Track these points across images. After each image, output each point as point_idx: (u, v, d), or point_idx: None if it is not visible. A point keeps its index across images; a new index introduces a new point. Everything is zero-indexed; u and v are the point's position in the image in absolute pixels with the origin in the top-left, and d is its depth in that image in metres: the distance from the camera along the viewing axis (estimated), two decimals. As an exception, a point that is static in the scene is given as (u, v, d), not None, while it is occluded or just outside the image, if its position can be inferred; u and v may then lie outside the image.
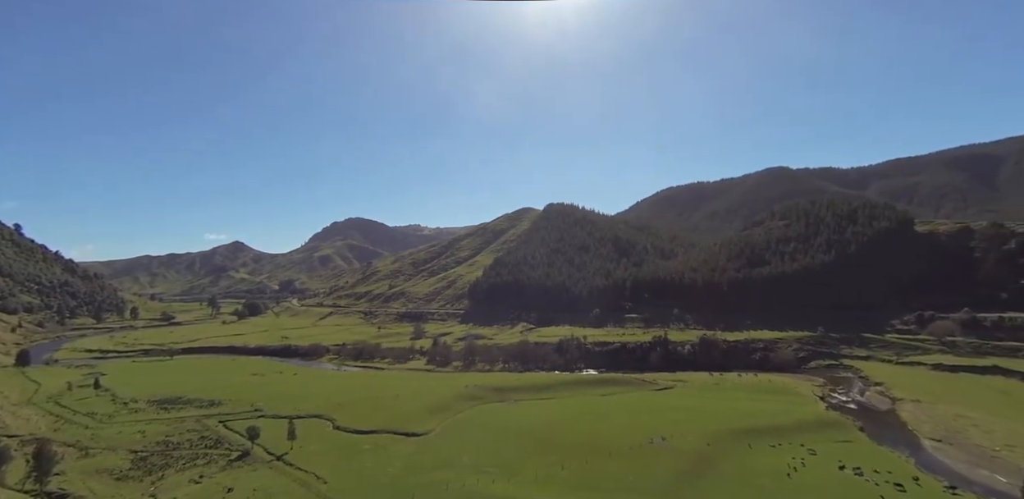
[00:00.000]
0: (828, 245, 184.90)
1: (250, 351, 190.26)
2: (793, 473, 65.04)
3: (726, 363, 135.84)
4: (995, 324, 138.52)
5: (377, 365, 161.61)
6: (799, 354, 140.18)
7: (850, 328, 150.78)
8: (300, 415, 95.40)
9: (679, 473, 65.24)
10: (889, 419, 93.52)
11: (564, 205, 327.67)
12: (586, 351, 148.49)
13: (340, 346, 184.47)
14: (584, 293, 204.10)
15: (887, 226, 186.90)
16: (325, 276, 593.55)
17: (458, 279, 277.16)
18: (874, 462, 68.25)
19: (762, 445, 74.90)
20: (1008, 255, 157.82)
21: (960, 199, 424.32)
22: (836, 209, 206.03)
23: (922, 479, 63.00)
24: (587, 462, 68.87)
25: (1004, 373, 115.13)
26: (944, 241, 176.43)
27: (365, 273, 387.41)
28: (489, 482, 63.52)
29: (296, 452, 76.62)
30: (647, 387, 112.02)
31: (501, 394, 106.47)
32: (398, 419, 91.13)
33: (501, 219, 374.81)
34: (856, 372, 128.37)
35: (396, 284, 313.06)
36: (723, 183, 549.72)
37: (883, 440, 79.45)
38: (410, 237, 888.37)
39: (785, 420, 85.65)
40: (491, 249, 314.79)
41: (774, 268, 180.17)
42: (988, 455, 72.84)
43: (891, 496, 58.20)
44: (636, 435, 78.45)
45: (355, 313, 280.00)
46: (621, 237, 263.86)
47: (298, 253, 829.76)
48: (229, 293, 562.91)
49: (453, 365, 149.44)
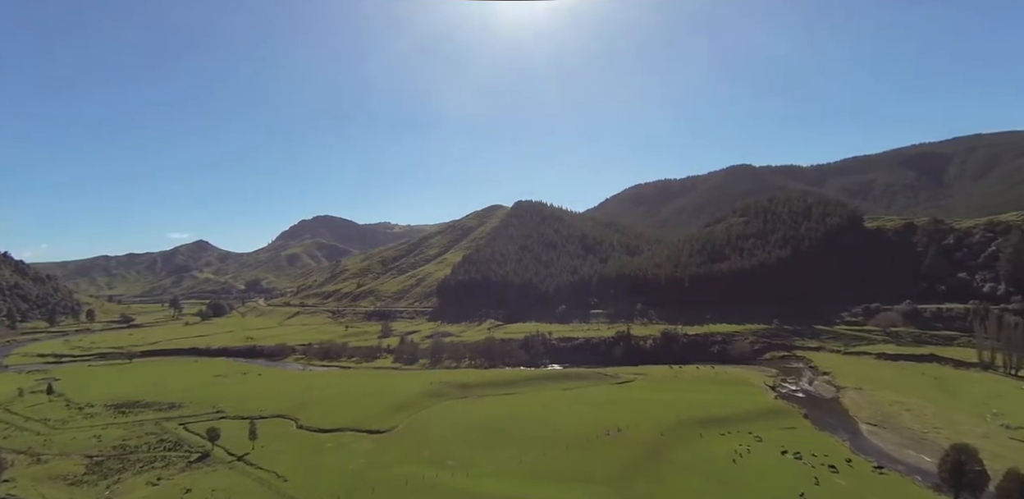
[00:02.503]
0: (784, 241, 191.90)
1: (213, 353, 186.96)
2: (739, 459, 68.72)
3: (686, 356, 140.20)
4: (934, 315, 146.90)
5: (344, 364, 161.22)
6: (755, 346, 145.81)
7: (803, 320, 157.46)
8: (263, 415, 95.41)
9: (632, 462, 68.22)
10: (832, 406, 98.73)
11: (533, 202, 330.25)
12: (551, 347, 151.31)
13: (306, 346, 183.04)
14: (551, 290, 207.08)
15: (839, 223, 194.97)
16: (293, 275, 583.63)
17: (427, 277, 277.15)
18: (814, 446, 72.59)
19: (713, 433, 78.61)
20: (946, 250, 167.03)
21: (911, 196, 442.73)
22: (792, 206, 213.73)
23: (854, 461, 67.45)
24: (545, 454, 71.28)
25: (939, 360, 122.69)
26: (890, 237, 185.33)
27: (333, 272, 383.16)
28: (448, 475, 65.30)
29: (257, 452, 76.93)
30: (608, 381, 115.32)
31: (465, 390, 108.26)
32: (362, 417, 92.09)
33: (470, 216, 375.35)
34: (807, 362, 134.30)
35: (365, 283, 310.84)
36: (689, 180, 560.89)
37: (824, 426, 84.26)
38: (380, 235, 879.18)
39: (736, 410, 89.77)
40: (460, 247, 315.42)
41: (733, 263, 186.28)
42: (917, 437, 78.05)
43: (824, 477, 62.25)
44: (594, 427, 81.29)
45: (323, 312, 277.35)
46: (588, 234, 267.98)
47: (265, 252, 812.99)
48: (192, 294, 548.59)
49: (420, 363, 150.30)
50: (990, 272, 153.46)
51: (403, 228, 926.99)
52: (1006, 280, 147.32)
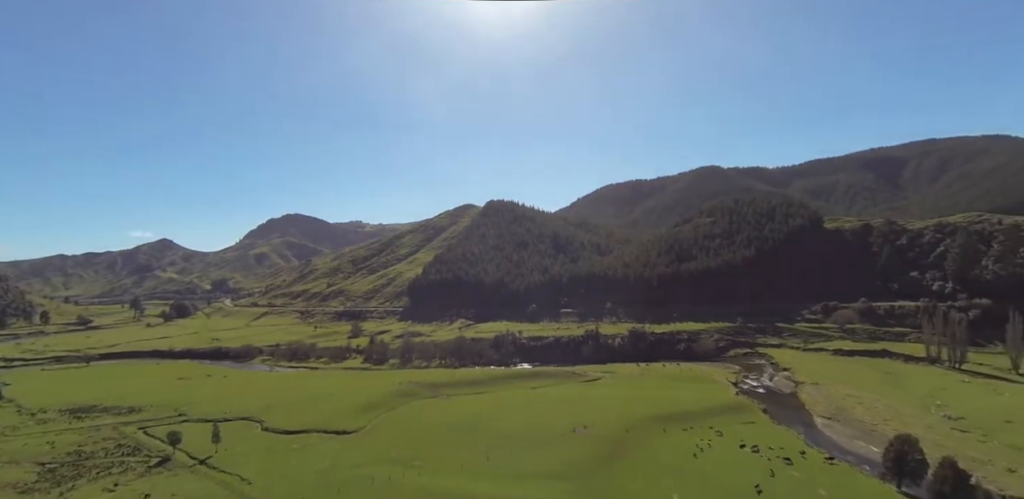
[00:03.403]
0: (749, 241, 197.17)
1: (176, 354, 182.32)
2: (699, 453, 70.78)
3: (653, 354, 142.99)
4: (887, 312, 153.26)
5: (312, 365, 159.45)
6: (719, 344, 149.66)
7: (766, 318, 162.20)
8: (227, 418, 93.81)
9: (597, 458, 69.60)
10: (790, 401, 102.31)
11: (504, 202, 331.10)
12: (521, 346, 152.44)
13: (274, 347, 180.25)
14: (522, 289, 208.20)
15: (800, 223, 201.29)
16: (261, 275, 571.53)
17: (398, 276, 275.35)
18: (771, 440, 75.22)
19: (676, 429, 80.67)
20: (900, 250, 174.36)
21: (870, 197, 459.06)
22: (757, 208, 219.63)
23: (808, 453, 70.21)
24: (511, 451, 72.11)
25: (891, 356, 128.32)
26: (848, 237, 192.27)
27: (303, 271, 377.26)
28: (415, 474, 65.55)
29: (221, 455, 75.70)
30: (577, 379, 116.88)
31: (434, 390, 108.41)
32: (329, 418, 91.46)
33: (442, 216, 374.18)
34: (768, 359, 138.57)
35: (335, 282, 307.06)
36: (660, 181, 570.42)
37: (782, 420, 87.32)
38: (351, 234, 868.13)
39: (699, 406, 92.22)
40: (432, 246, 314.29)
41: (700, 263, 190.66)
42: (867, 429, 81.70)
43: (779, 469, 64.68)
44: (561, 424, 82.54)
45: (291, 313, 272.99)
46: (560, 234, 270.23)
47: (232, 251, 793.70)
48: (155, 294, 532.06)
49: (390, 363, 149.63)
50: (939, 271, 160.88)
51: (375, 227, 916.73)
52: (953, 279, 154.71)
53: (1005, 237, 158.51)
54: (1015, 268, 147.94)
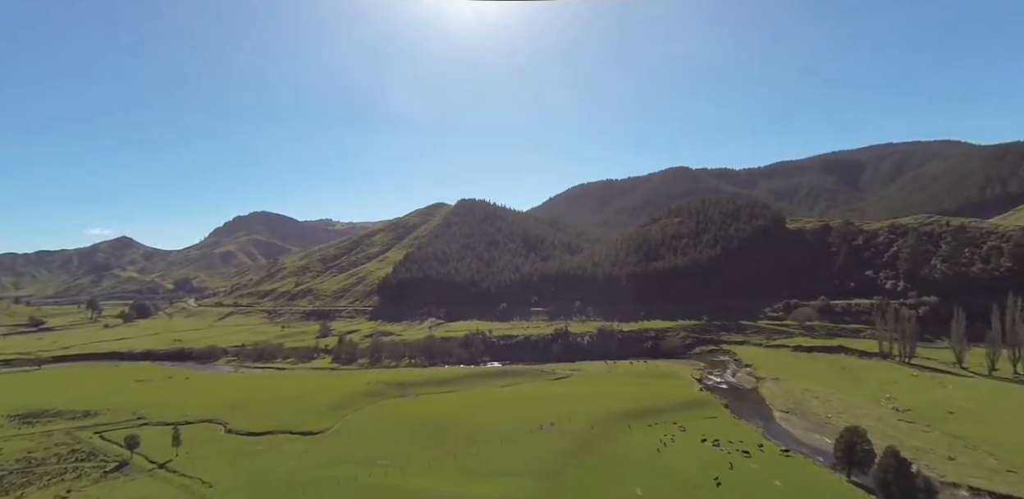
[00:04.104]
0: (715, 241, 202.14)
1: (136, 356, 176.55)
2: (663, 448, 72.51)
3: (621, 352, 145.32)
4: (844, 309, 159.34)
5: (279, 365, 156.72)
6: (685, 341, 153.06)
7: (730, 316, 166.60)
8: (189, 421, 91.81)
9: (563, 455, 70.60)
10: (752, 396, 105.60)
11: (476, 201, 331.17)
12: (491, 345, 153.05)
13: (239, 347, 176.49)
14: (493, 288, 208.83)
15: (764, 224, 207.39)
16: (227, 274, 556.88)
17: (368, 275, 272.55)
18: (731, 434, 77.59)
19: (641, 425, 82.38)
20: (856, 250, 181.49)
21: (831, 199, 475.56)
22: (722, 208, 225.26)
23: (765, 446, 72.74)
24: (479, 450, 72.56)
25: (846, 351, 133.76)
26: (809, 237, 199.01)
27: (271, 270, 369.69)
28: (381, 474, 65.43)
29: (181, 458, 74.08)
30: (545, 377, 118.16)
31: (403, 389, 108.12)
32: (295, 419, 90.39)
33: (413, 214, 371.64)
34: (732, 356, 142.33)
35: (303, 281, 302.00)
36: (631, 181, 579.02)
37: (743, 414, 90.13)
38: (321, 232, 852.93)
39: (664, 402, 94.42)
40: (402, 245, 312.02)
41: (667, 262, 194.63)
42: (822, 422, 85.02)
43: (738, 461, 66.88)
44: (528, 422, 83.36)
45: (258, 312, 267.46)
46: (531, 233, 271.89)
47: (196, 249, 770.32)
48: (114, 294, 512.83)
49: (358, 362, 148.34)
50: (892, 270, 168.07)
51: (345, 225, 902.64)
52: (904, 277, 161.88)
53: (952, 238, 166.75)
54: (960, 268, 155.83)
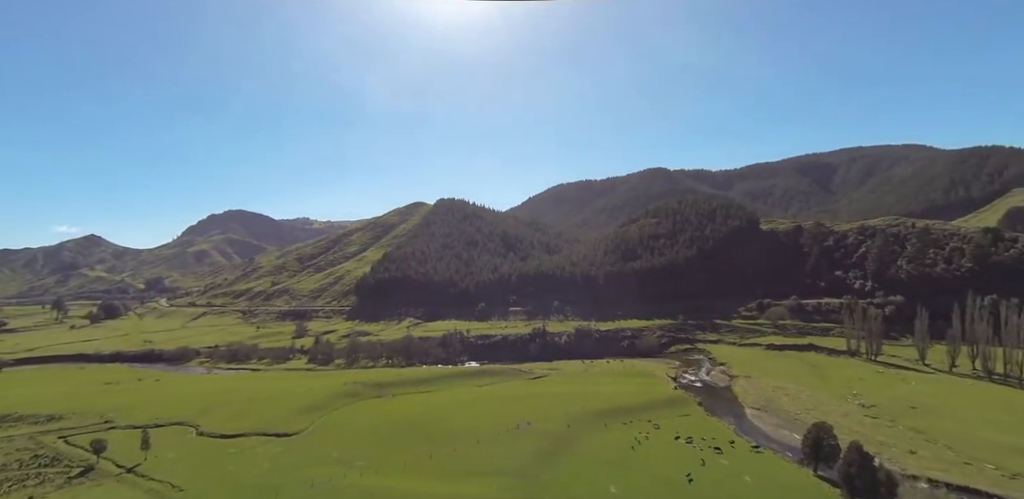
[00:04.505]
0: (691, 241, 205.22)
1: (104, 358, 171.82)
2: (637, 446, 73.52)
3: (598, 351, 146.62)
4: (815, 309, 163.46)
5: (254, 366, 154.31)
6: (661, 340, 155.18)
7: (705, 315, 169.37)
8: (159, 424, 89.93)
9: (539, 453, 71.11)
10: (725, 394, 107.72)
11: (455, 200, 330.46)
12: (469, 344, 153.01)
13: (213, 348, 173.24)
14: (472, 288, 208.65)
15: (739, 224, 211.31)
16: (201, 273, 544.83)
17: (346, 275, 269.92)
18: (704, 431, 79.07)
19: (616, 423, 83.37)
20: (827, 250, 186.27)
21: (805, 200, 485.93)
22: (699, 209, 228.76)
23: (737, 442, 74.34)
24: (455, 449, 72.67)
25: (816, 349, 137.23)
26: (782, 238, 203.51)
27: (246, 270, 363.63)
28: (357, 475, 65.08)
29: (150, 462, 72.57)
30: (523, 376, 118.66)
31: (380, 389, 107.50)
32: (269, 420, 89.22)
33: (392, 213, 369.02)
34: (707, 354, 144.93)
35: (280, 281, 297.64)
36: (609, 181, 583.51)
37: (716, 412, 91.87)
38: (298, 231, 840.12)
39: (639, 400, 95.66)
40: (381, 244, 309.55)
41: (644, 262, 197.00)
42: (792, 418, 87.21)
43: (710, 458, 68.23)
44: (505, 421, 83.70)
45: (232, 313, 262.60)
46: (510, 232, 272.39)
47: (169, 248, 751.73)
48: (81, 294, 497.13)
49: (335, 363, 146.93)
50: (860, 270, 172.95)
51: (323, 224, 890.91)
52: (872, 277, 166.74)
53: (917, 239, 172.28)
54: (924, 268, 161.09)
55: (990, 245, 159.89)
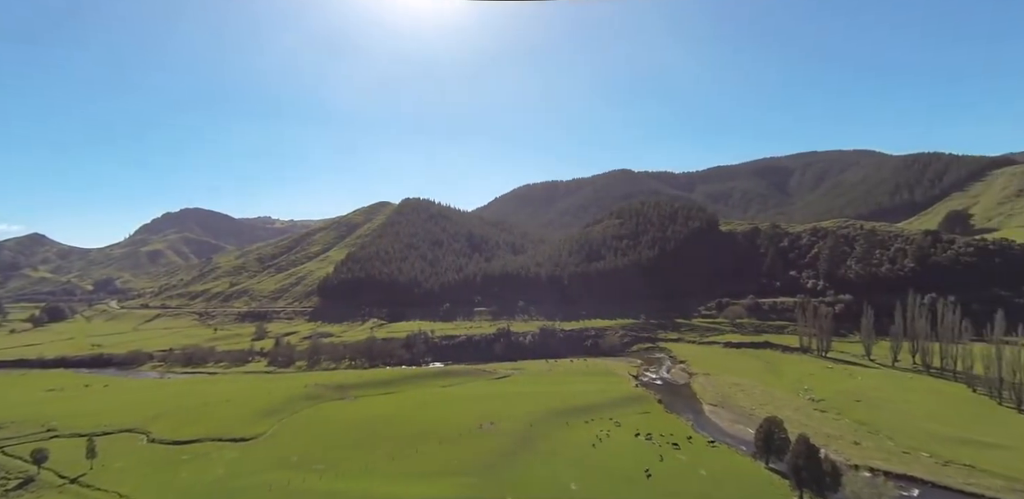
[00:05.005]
0: (653, 242, 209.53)
1: (48, 363, 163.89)
2: (598, 443, 74.71)
3: (562, 350, 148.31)
4: (771, 307, 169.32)
5: (210, 370, 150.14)
6: (624, 339, 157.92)
7: (666, 315, 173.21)
8: (107, 431, 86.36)
9: (501, 453, 71.51)
10: (684, 391, 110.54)
11: (420, 200, 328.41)
12: (433, 345, 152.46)
13: (167, 352, 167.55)
14: (436, 288, 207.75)
15: (699, 226, 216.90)
16: (155, 274, 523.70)
17: (308, 275, 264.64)
18: (663, 427, 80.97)
19: (578, 422, 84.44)
20: (782, 251, 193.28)
21: (763, 203, 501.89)
22: (661, 210, 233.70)
23: (694, 438, 76.52)
24: (416, 451, 72.35)
25: (772, 346, 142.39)
26: (740, 239, 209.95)
27: (203, 270, 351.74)
28: (316, 478, 64.10)
29: (96, 472, 69.53)
30: (487, 376, 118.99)
31: (342, 391, 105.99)
32: (225, 425, 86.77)
33: (356, 213, 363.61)
34: (668, 353, 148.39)
35: (239, 281, 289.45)
36: (575, 182, 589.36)
37: (675, 408, 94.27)
38: (259, 230, 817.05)
39: (601, 398, 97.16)
40: (345, 244, 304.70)
41: (608, 263, 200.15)
42: (747, 413, 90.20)
43: (668, 454, 69.97)
44: (468, 422, 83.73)
45: (189, 314, 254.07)
46: (475, 233, 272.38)
47: (120, 247, 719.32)
48: (23, 296, 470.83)
49: (296, 365, 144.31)
50: (813, 270, 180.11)
51: (285, 223, 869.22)
52: (824, 277, 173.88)
53: (864, 240, 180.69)
54: (871, 268, 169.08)
55: (930, 246, 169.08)
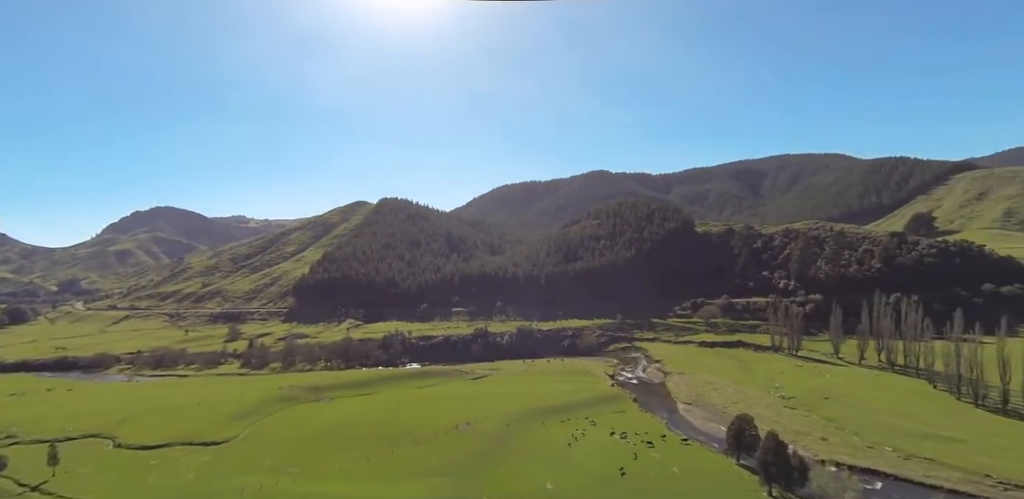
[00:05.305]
0: (630, 242, 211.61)
1: (8, 367, 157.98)
2: (574, 442, 75.29)
3: (540, 350, 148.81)
4: (744, 307, 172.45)
5: (181, 372, 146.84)
6: (601, 339, 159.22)
7: (643, 315, 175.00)
8: (70, 437, 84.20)
9: (477, 453, 71.61)
10: (659, 390, 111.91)
11: (398, 200, 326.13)
12: (410, 346, 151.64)
13: (135, 354, 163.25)
14: (414, 288, 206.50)
15: (675, 227, 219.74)
16: (124, 274, 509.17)
17: (283, 276, 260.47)
18: (638, 426, 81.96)
19: (554, 421, 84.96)
20: (756, 252, 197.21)
21: (737, 204, 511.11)
22: (638, 211, 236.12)
23: (668, 436, 77.67)
24: (392, 452, 72.02)
25: (744, 346, 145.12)
26: (715, 240, 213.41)
27: (174, 270, 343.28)
28: (289, 482, 63.33)
29: (59, 479, 67.61)
30: (464, 377, 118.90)
31: (317, 393, 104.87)
32: (196, 429, 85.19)
33: (333, 212, 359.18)
34: (644, 352, 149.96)
35: (211, 282, 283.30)
36: (554, 183, 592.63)
37: (649, 407, 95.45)
38: (233, 229, 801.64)
39: (577, 398, 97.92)
40: (321, 244, 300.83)
41: (585, 263, 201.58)
42: (720, 411, 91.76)
43: (642, 452, 70.89)
44: (444, 422, 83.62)
45: (159, 316, 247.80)
46: (453, 233, 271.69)
47: (86, 247, 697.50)
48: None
49: (270, 367, 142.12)
50: (784, 271, 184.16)
51: (260, 223, 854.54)
52: (795, 278, 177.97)
53: (834, 242, 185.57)
54: (840, 268, 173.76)
55: (896, 248, 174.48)
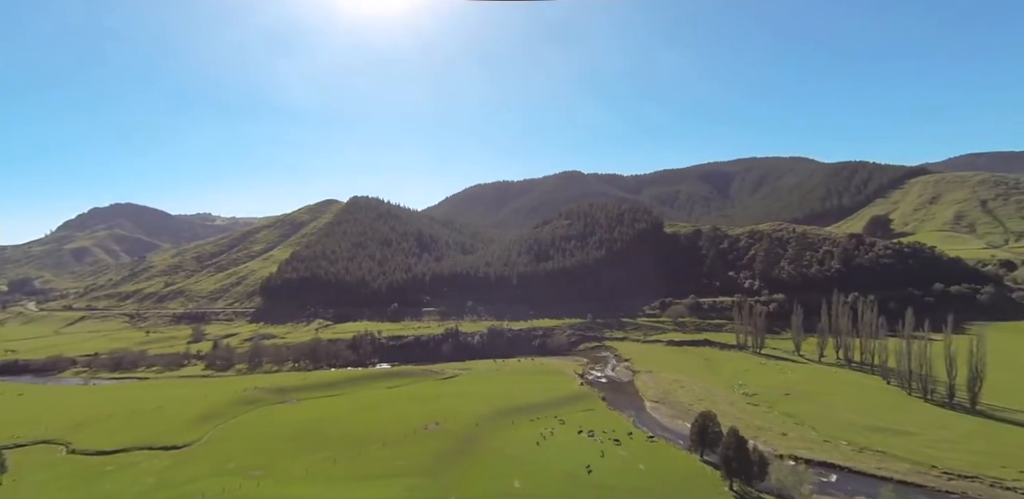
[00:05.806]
0: (601, 243, 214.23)
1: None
2: (543, 441, 75.85)
3: (511, 350, 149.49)
4: (710, 307, 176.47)
5: (141, 375, 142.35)
6: (571, 339, 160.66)
7: (613, 314, 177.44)
8: (20, 443, 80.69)
9: (445, 453, 71.48)
10: (627, 388, 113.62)
11: (369, 198, 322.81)
12: (380, 346, 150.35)
13: (92, 356, 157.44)
14: (384, 288, 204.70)
15: (645, 227, 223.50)
16: (81, 273, 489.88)
17: (250, 275, 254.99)
18: (605, 424, 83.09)
19: (523, 420, 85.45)
20: (722, 252, 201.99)
21: (706, 205, 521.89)
22: (608, 212, 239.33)
23: (635, 433, 78.96)
24: (360, 453, 71.34)
25: (711, 344, 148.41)
26: (683, 240, 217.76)
27: (135, 269, 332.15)
28: (253, 485, 62.08)
29: (7, 488, 64.82)
30: (434, 377, 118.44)
31: (283, 395, 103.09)
32: (155, 433, 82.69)
33: (302, 211, 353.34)
34: (613, 351, 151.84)
35: (175, 281, 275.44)
36: (527, 183, 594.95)
37: (617, 406, 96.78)
38: (198, 227, 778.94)
39: (546, 397, 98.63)
40: (289, 242, 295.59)
41: (557, 263, 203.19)
42: (686, 409, 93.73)
43: (609, 449, 71.91)
44: (413, 423, 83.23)
45: (118, 316, 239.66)
46: (425, 232, 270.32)
47: (40, 245, 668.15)
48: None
49: (236, 368, 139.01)
50: (750, 271, 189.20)
51: (226, 220, 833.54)
52: (759, 278, 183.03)
53: (796, 243, 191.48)
54: (802, 269, 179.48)
55: (854, 249, 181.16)
